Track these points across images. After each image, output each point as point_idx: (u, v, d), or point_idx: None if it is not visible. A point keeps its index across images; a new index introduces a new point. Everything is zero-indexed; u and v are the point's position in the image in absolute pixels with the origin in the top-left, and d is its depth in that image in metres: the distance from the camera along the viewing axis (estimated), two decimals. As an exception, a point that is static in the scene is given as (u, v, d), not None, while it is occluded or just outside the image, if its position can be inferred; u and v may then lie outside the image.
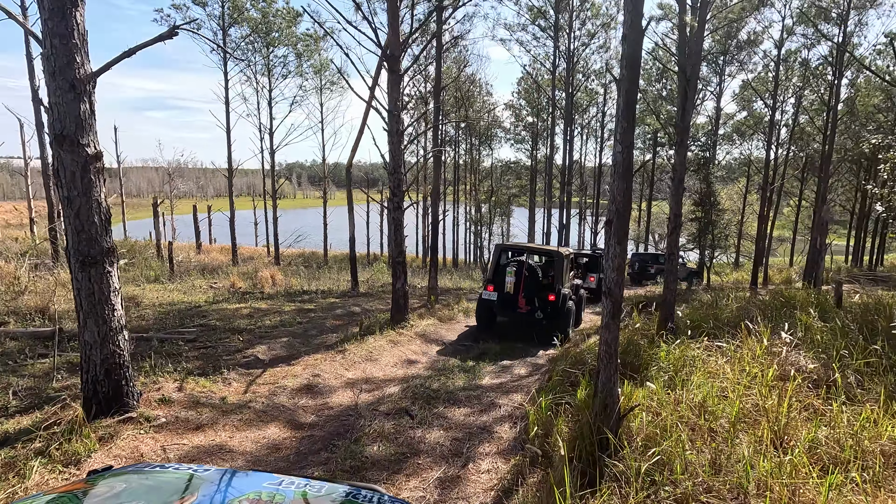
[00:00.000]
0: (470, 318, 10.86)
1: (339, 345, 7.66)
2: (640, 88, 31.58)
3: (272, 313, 10.03)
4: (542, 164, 38.58)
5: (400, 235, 8.85)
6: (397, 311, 9.09)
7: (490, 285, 9.07)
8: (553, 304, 8.77)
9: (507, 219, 31.26)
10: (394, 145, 8.54)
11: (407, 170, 8.62)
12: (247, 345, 7.53)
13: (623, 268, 3.83)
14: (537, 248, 10.20)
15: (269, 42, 22.70)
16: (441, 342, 8.60)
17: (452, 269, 26.37)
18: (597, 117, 31.79)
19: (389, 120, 8.51)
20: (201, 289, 13.26)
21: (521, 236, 38.39)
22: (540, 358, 8.07)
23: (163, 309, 9.79)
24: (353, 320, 9.79)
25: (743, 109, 28.48)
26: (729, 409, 4.86)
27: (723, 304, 10.10)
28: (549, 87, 23.61)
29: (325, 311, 10.69)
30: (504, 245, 10.19)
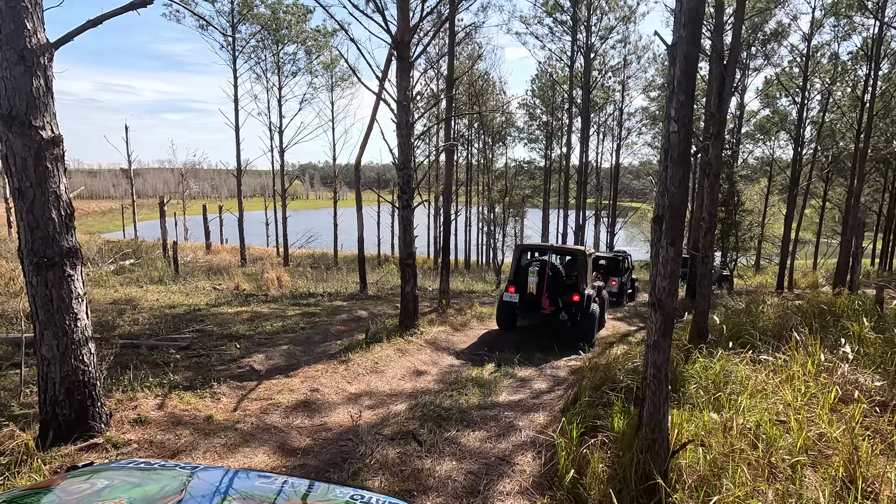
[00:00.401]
0: (483, 324, 10.21)
1: (342, 354, 7.06)
2: (658, 85, 30.63)
3: (274, 318, 9.48)
4: (556, 164, 37.77)
5: (409, 236, 8.24)
6: (406, 317, 8.48)
7: (511, 286, 8.73)
8: (577, 304, 8.45)
9: (521, 219, 30.51)
10: (403, 139, 7.93)
11: (416, 166, 8.00)
12: (244, 353, 6.98)
13: (676, 275, 3.16)
14: (559, 247, 9.81)
15: (278, 39, 22.30)
16: (453, 351, 7.96)
17: (465, 271, 25.73)
18: (613, 115, 30.92)
19: (398, 111, 7.91)
20: (204, 291, 12.78)
21: (535, 237, 37.56)
22: (561, 369, 7.40)
23: (160, 312, 9.29)
24: (359, 326, 9.20)
25: (766, 107, 27.43)
26: (789, 438, 4.16)
27: (758, 310, 9.31)
28: (566, 84, 22.89)
29: (330, 315, 10.12)
30: (525, 245, 9.83)
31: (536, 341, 9.26)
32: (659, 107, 28.20)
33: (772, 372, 5.77)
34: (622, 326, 11.24)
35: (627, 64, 25.82)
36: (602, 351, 8.54)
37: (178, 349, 6.82)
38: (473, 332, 9.31)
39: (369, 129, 12.11)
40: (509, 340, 9.00)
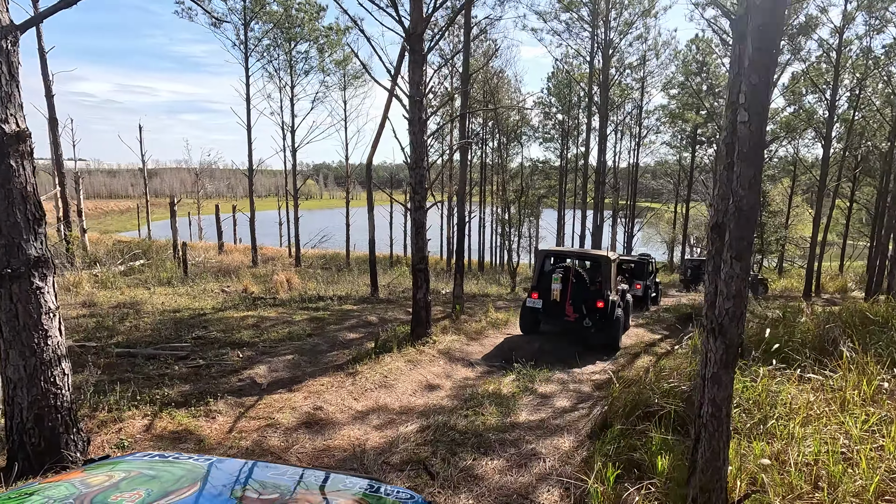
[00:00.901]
0: (499, 332, 9.71)
1: (350, 365, 6.63)
2: (678, 83, 29.76)
3: (281, 323, 9.10)
4: (571, 164, 37.05)
5: (422, 239, 7.78)
6: (418, 325, 8.02)
7: (534, 292, 8.63)
8: (602, 311, 8.34)
9: (536, 220, 29.88)
10: (415, 135, 7.47)
11: (430, 165, 7.53)
12: (246, 363, 6.58)
13: (743, 295, 2.65)
14: (583, 253, 9.67)
15: (290, 37, 22.02)
16: (468, 362, 7.48)
17: (478, 273, 25.21)
18: (632, 114, 30.12)
19: (410, 107, 7.45)
20: (212, 293, 12.49)
21: (550, 238, 36.88)
22: (584, 383, 6.87)
23: (163, 317, 8.97)
24: (369, 333, 8.77)
25: (791, 104, 26.41)
26: (857, 477, 3.61)
27: (796, 319, 8.67)
28: (583, 82, 22.26)
29: (339, 320, 9.71)
30: (548, 250, 9.60)
31: (557, 350, 8.74)
32: (679, 104, 27.37)
33: (820, 392, 5.20)
34: (645, 334, 10.65)
35: (646, 61, 25.06)
36: (628, 363, 8.00)
37: (176, 359, 6.45)
38: (489, 341, 8.82)
39: (381, 126, 11.69)
40: (527, 350, 8.49)
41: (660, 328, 11.50)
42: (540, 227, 34.26)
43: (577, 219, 38.09)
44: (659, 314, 13.33)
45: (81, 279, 11.47)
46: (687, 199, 32.35)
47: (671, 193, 39.12)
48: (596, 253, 9.59)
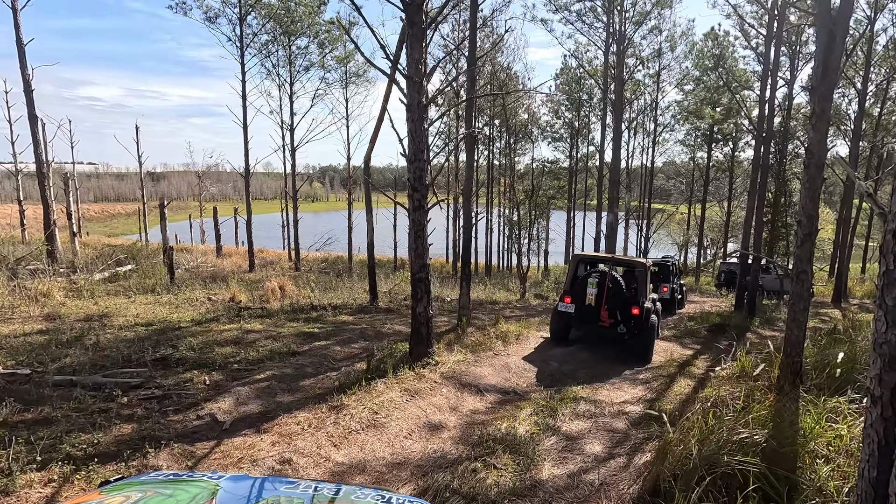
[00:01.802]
0: (510, 348, 8.59)
1: (335, 395, 5.54)
2: (692, 78, 28.46)
3: (265, 338, 8.03)
4: (581, 165, 35.84)
5: (422, 243, 6.68)
6: (418, 343, 6.92)
7: (567, 297, 8.58)
8: (637, 318, 8.22)
9: (546, 222, 28.71)
10: (414, 123, 6.39)
11: (431, 158, 6.41)
12: (212, 392, 5.52)
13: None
14: (618, 258, 9.45)
15: (288, 31, 21.06)
16: (476, 388, 6.36)
17: (486, 277, 24.09)
18: (645, 111, 28.87)
19: (408, 89, 6.37)
20: (196, 302, 11.46)
21: (559, 240, 35.71)
22: (617, 417, 5.72)
23: (131, 332, 7.94)
24: (362, 350, 7.68)
25: (815, 99, 25.02)
26: None
27: (855, 335, 7.47)
28: (597, 76, 21.11)
29: (331, 334, 8.63)
30: (582, 255, 9.65)
31: (579, 367, 7.61)
32: (697, 99, 26.12)
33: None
34: (675, 348, 9.48)
35: (662, 54, 23.87)
36: (663, 387, 6.85)
37: (127, 388, 5.39)
38: (500, 360, 7.69)
39: (380, 118, 10.63)
40: (544, 371, 7.37)
41: (690, 341, 10.32)
42: (550, 228, 33.10)
43: (587, 220, 36.90)
44: (685, 323, 12.14)
45: (52, 288, 10.49)
46: (703, 199, 31.03)
47: (681, 194, 37.80)
48: (631, 259, 9.44)
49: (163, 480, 1.74)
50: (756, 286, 13.72)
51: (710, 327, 11.44)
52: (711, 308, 16.62)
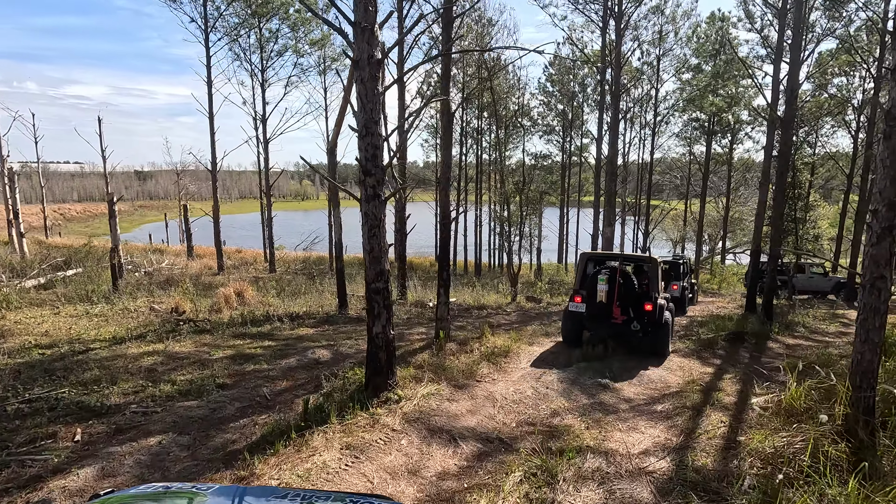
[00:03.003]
0: (499, 369, 7.04)
1: (251, 456, 3.96)
2: (693, 66, 27.08)
3: (190, 364, 6.43)
4: (574, 159, 34.38)
5: (378, 244, 5.11)
6: (375, 374, 5.35)
7: (577, 296, 8.27)
8: (650, 314, 7.92)
9: (539, 218, 27.20)
10: (364, 84, 4.82)
11: (390, 133, 4.76)
12: (76, 456, 3.93)
13: None
14: (628, 255, 9.18)
15: (258, 13, 19.32)
16: (449, 436, 4.80)
17: (475, 278, 22.55)
18: (643, 100, 27.39)
19: (356, 40, 4.79)
20: (134, 313, 9.83)
21: (552, 237, 34.24)
22: (638, 479, 4.18)
23: (21, 358, 6.30)
24: (311, 379, 6.11)
25: (821, 87, 23.73)
26: None
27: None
28: (593, 60, 19.59)
29: (276, 356, 7.04)
30: (590, 253, 9.27)
31: (581, 395, 6.08)
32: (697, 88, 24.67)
33: None
34: (693, 364, 7.98)
35: (663, 38, 22.41)
36: (688, 424, 5.33)
37: (-55, 456, 3.78)
38: (483, 389, 6.14)
39: (346, 98, 9.04)
40: (539, 404, 5.82)
41: (708, 354, 8.82)
42: (542, 225, 31.61)
43: (582, 216, 35.42)
44: (696, 331, 10.66)
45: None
46: (702, 194, 29.67)
47: (675, 189, 36.47)
48: (641, 255, 9.25)
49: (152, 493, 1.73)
50: (774, 288, 12.28)
51: (728, 336, 9.96)
52: (718, 309, 15.19)
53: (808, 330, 11.97)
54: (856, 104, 26.44)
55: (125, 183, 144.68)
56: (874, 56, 17.80)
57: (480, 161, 28.99)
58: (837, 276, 17.87)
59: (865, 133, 18.59)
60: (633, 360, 7.89)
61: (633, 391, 6.57)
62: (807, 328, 12.13)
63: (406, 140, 13.12)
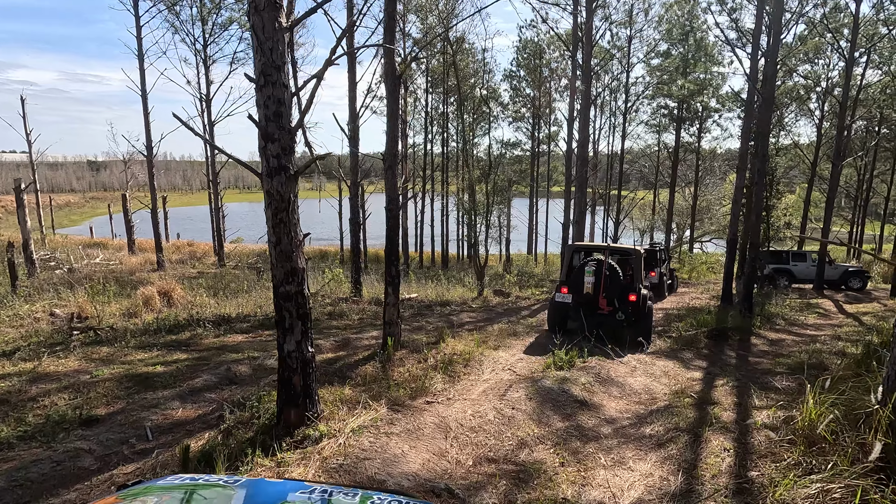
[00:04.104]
0: (457, 384, 5.88)
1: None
2: (662, 51, 26.49)
3: (59, 391, 5.01)
4: (544, 146, 33.51)
5: (288, 235, 3.85)
6: (289, 403, 4.10)
7: (564, 287, 8.49)
8: (634, 304, 8.21)
9: (507, 208, 26.17)
10: (261, 14, 3.52)
11: (301, 86, 3.36)
12: None
13: None
14: (613, 246, 9.41)
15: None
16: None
17: (440, 271, 21.37)
18: (612, 86, 26.63)
19: (247, -49, 3.45)
20: (24, 320, 8.21)
21: (522, 228, 33.39)
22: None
23: None
24: (215, 408, 4.80)
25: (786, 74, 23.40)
26: None
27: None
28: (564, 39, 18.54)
29: (183, 374, 5.67)
30: (576, 245, 9.65)
31: (554, 415, 4.97)
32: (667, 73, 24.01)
33: None
34: (678, 370, 7.02)
35: (634, 18, 21.59)
36: (691, 458, 4.28)
37: None
38: (434, 415, 4.95)
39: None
40: (504, 432, 4.69)
41: (691, 355, 7.91)
42: (511, 215, 30.65)
43: (551, 206, 34.66)
44: (675, 327, 9.78)
45: None
46: (672, 183, 29.29)
47: (642, 180, 36.19)
48: (625, 246, 9.42)
49: (179, 485, 1.73)
50: (753, 278, 11.55)
51: (710, 333, 9.11)
52: (693, 301, 14.50)
53: (787, 322, 11.31)
54: (820, 91, 26.46)
55: (77, 174, 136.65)
56: (846, 38, 17.38)
57: (446, 148, 27.73)
58: (845, 265, 17.14)
59: (837, 118, 18.22)
60: (612, 363, 6.87)
61: (615, 407, 5.52)
62: (786, 320, 11.47)
63: (358, 120, 11.75)
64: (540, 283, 18.05)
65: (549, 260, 30.60)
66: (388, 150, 6.14)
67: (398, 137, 6.12)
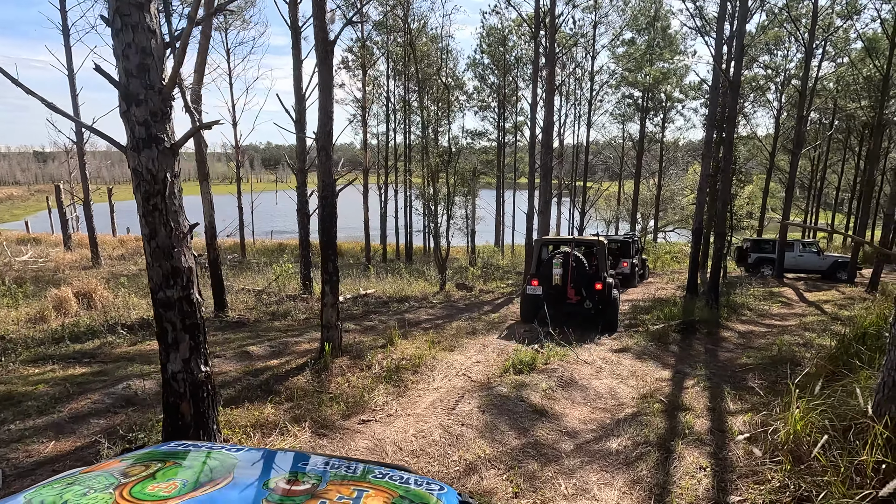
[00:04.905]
0: (402, 397, 5.16)
1: None
2: (627, 40, 26.31)
3: None
4: (510, 136, 32.98)
5: (164, 224, 3.01)
6: (176, 435, 3.27)
7: (534, 279, 8.93)
8: (601, 293, 8.58)
9: (473, 199, 25.51)
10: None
11: (178, 32, 2.49)
12: None
13: None
14: (578, 239, 9.70)
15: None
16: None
17: (403, 264, 20.57)
18: (576, 73, 26.25)
19: None
20: None
21: (489, 219, 32.88)
22: None
23: None
24: (97, 439, 3.91)
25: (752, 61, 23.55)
26: None
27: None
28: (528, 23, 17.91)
29: (69, 394, 4.73)
30: (545, 239, 10.08)
31: (509, 431, 4.33)
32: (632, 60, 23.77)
33: None
34: (647, 369, 6.50)
35: (599, 3, 21.15)
36: (661, 479, 3.69)
37: None
38: (370, 433, 4.21)
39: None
40: (451, 454, 4.00)
41: (660, 351, 7.44)
42: (477, 206, 30.05)
43: (518, 198, 34.25)
44: (643, 321, 9.36)
45: None
46: (636, 173, 29.29)
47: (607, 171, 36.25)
48: (590, 238, 9.73)
49: (182, 451, 1.72)
50: (719, 268, 11.27)
51: (679, 326, 8.70)
52: (658, 291, 14.21)
53: (754, 312, 11.09)
54: (779, 82, 26.85)
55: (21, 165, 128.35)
56: (805, 27, 17.39)
57: (408, 137, 26.81)
58: (835, 255, 16.79)
59: (797, 108, 18.30)
60: (576, 364, 6.29)
61: (577, 416, 4.91)
62: (752, 310, 11.26)
63: (304, 102, 10.79)
64: (505, 275, 17.50)
65: (517, 251, 30.22)
66: (321, 126, 5.31)
67: (332, 113, 5.29)
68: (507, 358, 6.40)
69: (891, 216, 14.44)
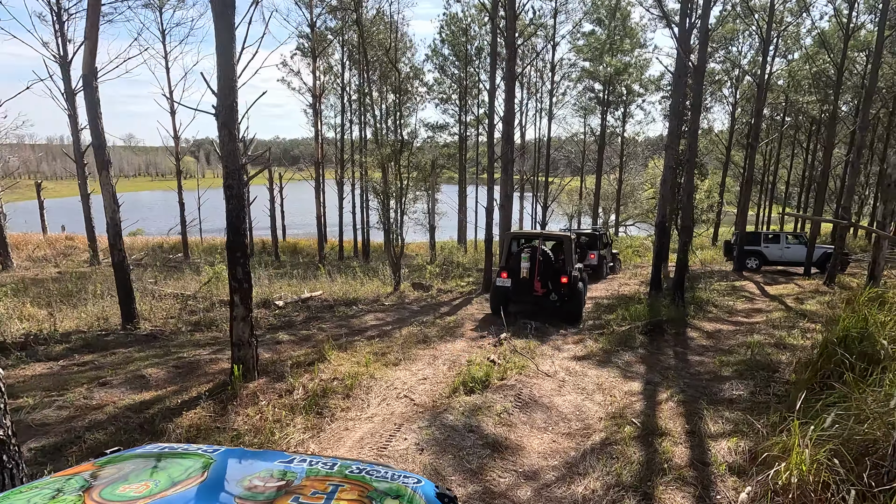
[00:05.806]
0: (324, 430, 4.21)
1: None
2: (587, 32, 25.89)
3: None
4: (472, 130, 32.23)
5: None
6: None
7: (504, 272, 9.07)
8: (567, 285, 8.70)
9: (432, 192, 24.57)
10: None
11: None
12: None
13: None
14: (546, 233, 9.93)
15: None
16: None
17: (358, 262, 19.46)
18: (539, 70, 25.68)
19: None
20: None
21: (452, 214, 32.07)
22: None
23: None
24: None
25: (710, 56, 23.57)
26: None
27: None
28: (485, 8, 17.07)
29: None
30: (515, 233, 10.31)
31: (447, 465, 3.47)
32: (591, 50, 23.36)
33: None
34: (615, 381, 5.79)
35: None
36: None
37: None
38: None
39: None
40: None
41: (627, 356, 6.76)
42: (440, 202, 29.12)
43: (480, 193, 33.57)
44: (608, 322, 8.72)
45: None
46: (598, 167, 29.07)
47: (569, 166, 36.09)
48: (557, 233, 10.03)
49: (157, 453, 1.71)
50: (685, 263, 10.79)
51: (645, 328, 8.07)
52: (621, 287, 13.71)
53: (720, 309, 10.67)
54: (734, 76, 27.17)
55: None
56: (763, 18, 17.30)
57: (364, 130, 25.61)
58: (823, 247, 16.21)
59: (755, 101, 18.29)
60: (536, 378, 5.50)
61: (538, 447, 4.11)
62: (717, 306, 10.85)
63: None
64: (466, 273, 16.68)
65: (480, 248, 29.52)
66: (222, 99, 4.27)
67: (235, 83, 4.25)
68: (459, 373, 5.54)
69: (847, 209, 14.48)
